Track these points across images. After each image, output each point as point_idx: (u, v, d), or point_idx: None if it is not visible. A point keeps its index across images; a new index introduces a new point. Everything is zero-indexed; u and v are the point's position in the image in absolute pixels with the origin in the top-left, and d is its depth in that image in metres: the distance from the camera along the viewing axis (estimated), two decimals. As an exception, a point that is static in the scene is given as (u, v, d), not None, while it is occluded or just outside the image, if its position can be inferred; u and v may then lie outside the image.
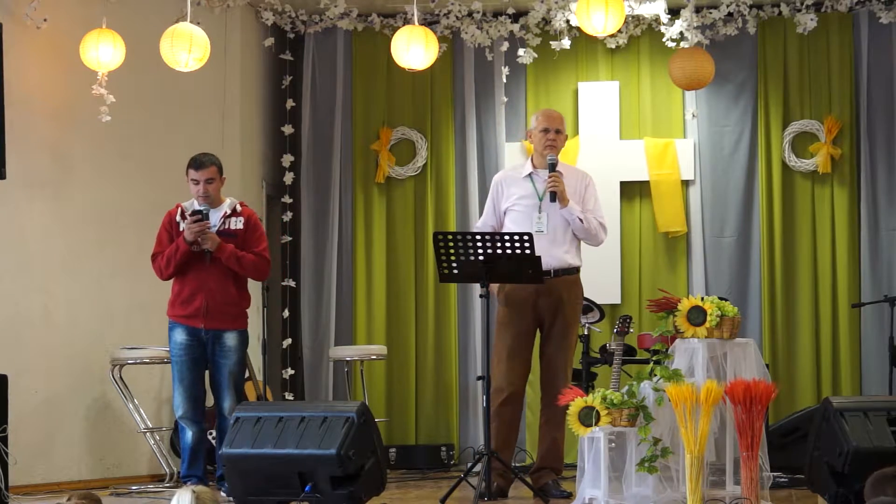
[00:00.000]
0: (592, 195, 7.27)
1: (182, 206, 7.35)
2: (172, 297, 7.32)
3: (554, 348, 7.12)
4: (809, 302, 9.33)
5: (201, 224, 7.14)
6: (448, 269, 6.79)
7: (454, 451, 9.36)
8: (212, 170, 7.28)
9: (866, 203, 9.27)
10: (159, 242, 7.35)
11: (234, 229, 7.31)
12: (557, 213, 7.09)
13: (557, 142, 7.22)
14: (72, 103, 8.32)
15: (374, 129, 9.76)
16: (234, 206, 7.36)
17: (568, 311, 7.14)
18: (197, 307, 7.21)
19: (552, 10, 9.22)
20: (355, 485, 6.03)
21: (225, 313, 7.25)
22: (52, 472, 8.05)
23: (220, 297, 7.22)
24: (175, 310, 7.29)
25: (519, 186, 7.23)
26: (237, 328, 7.31)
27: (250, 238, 7.33)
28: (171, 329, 7.31)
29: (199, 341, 7.24)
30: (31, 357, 8.00)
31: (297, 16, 9.70)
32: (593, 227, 7.16)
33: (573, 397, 6.32)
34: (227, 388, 7.24)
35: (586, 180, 7.30)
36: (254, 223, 7.40)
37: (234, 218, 7.33)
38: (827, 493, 6.06)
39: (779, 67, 9.46)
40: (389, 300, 9.67)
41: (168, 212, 7.39)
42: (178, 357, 7.26)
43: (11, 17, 7.86)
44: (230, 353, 7.26)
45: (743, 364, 6.36)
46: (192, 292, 7.23)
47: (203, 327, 7.22)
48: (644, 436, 6.22)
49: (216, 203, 7.32)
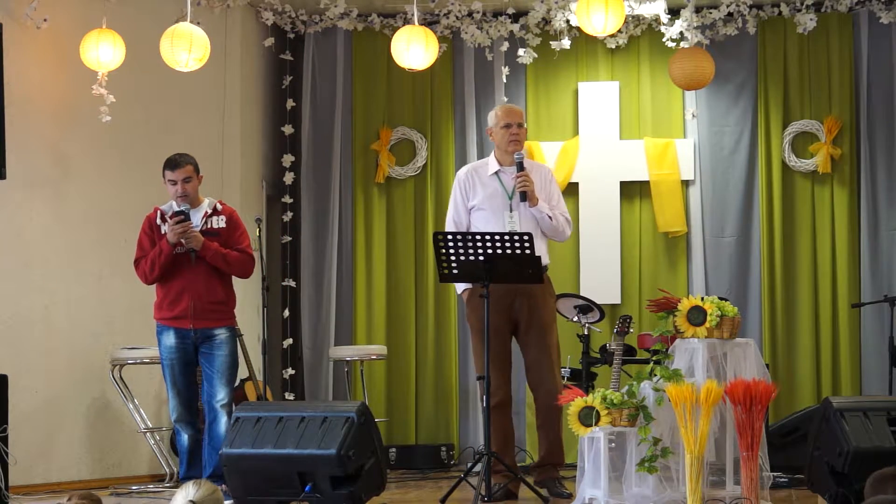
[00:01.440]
0: (556, 190, 7.25)
1: (160, 208, 7.28)
2: (158, 300, 7.25)
3: (537, 352, 7.02)
4: (809, 302, 9.33)
5: (184, 224, 7.08)
6: (448, 269, 6.78)
7: (454, 451, 9.36)
8: (188, 169, 7.20)
9: (866, 203, 9.27)
10: (140, 247, 7.26)
11: (217, 228, 7.26)
12: (527, 211, 7.06)
13: (521, 136, 7.17)
14: (72, 103, 8.33)
15: (374, 129, 9.76)
16: (214, 205, 7.29)
17: (544, 312, 7.06)
18: (184, 308, 7.15)
19: (552, 10, 9.22)
20: (355, 485, 6.03)
21: (213, 311, 7.20)
22: (52, 472, 8.06)
23: (206, 296, 7.17)
24: (162, 312, 7.22)
25: (485, 185, 7.17)
26: (226, 325, 7.26)
27: (233, 236, 7.28)
28: (160, 332, 7.23)
29: (189, 342, 7.20)
30: (31, 357, 8.00)
31: (297, 16, 9.70)
32: (560, 224, 7.12)
33: (573, 397, 6.32)
34: (219, 379, 7.15)
35: (548, 174, 7.27)
36: (235, 221, 7.33)
37: (215, 217, 7.27)
38: (827, 493, 6.06)
39: (779, 67, 9.46)
40: (389, 300, 9.68)
41: (147, 216, 7.31)
42: (170, 360, 7.21)
43: (11, 17, 7.86)
44: (221, 346, 7.20)
45: (743, 364, 6.36)
46: (178, 293, 7.17)
47: (192, 327, 7.17)
48: (644, 436, 6.22)
49: (195, 203, 7.25)
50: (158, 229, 7.23)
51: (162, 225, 7.21)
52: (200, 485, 4.02)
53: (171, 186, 7.23)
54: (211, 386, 7.20)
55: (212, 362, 7.20)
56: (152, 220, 7.29)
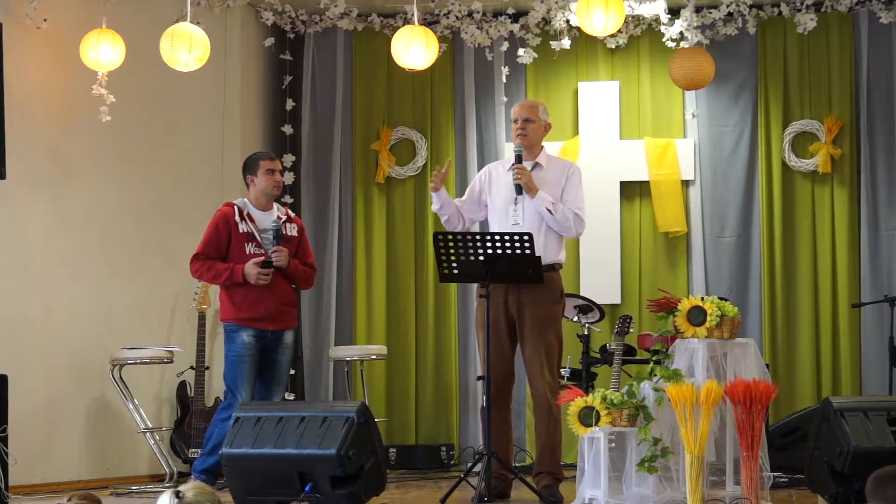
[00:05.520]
0: (573, 185, 7.09)
1: (236, 204, 7.31)
2: (237, 301, 7.23)
3: (530, 351, 6.96)
4: (809, 302, 9.32)
5: (269, 275, 7.16)
6: (448, 269, 6.78)
7: (454, 451, 9.36)
8: (279, 163, 7.52)
9: (866, 203, 9.26)
10: (207, 244, 7.24)
11: (291, 235, 7.35)
12: (532, 204, 7.00)
13: (527, 130, 7.09)
14: (72, 103, 8.33)
15: (374, 129, 9.76)
16: (285, 212, 7.43)
17: (539, 310, 6.94)
18: (265, 310, 7.20)
19: (552, 10, 9.22)
20: (355, 485, 6.03)
21: (287, 314, 7.32)
22: (52, 472, 8.06)
23: (283, 298, 7.28)
24: (242, 313, 7.22)
25: (501, 180, 7.17)
26: (293, 327, 7.45)
27: (302, 246, 7.44)
28: (235, 331, 7.22)
29: (264, 343, 7.26)
30: (31, 357, 8.00)
31: (297, 16, 9.70)
32: (566, 218, 6.97)
33: (573, 397, 6.33)
34: (281, 384, 7.34)
35: (569, 171, 7.16)
36: (303, 231, 7.53)
37: (288, 224, 7.36)
38: (827, 493, 6.06)
39: (779, 67, 9.46)
40: (389, 300, 9.67)
41: (220, 211, 7.31)
42: (247, 357, 7.21)
43: (11, 17, 7.86)
44: (288, 351, 7.36)
45: (743, 364, 6.36)
46: (258, 296, 7.19)
47: (271, 329, 7.24)
48: (644, 436, 6.22)
49: (269, 206, 7.38)
50: (236, 226, 7.23)
51: (240, 223, 7.22)
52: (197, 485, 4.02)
53: (267, 177, 7.31)
54: (268, 390, 7.30)
55: (276, 367, 7.31)
56: (229, 215, 7.27)
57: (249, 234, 7.24)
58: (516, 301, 6.94)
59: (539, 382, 6.91)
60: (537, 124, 7.15)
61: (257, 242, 7.23)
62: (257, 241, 7.23)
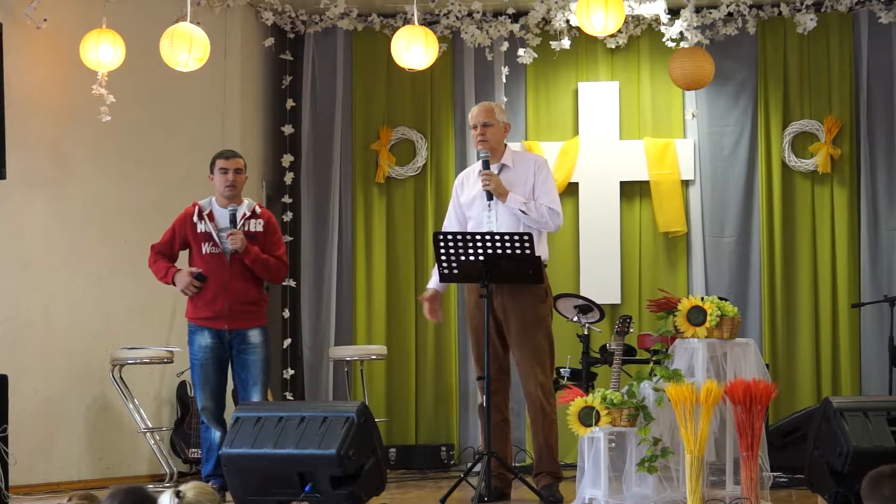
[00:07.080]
0: (543, 179, 7.02)
1: (199, 204, 7.33)
2: (194, 299, 7.25)
3: (518, 352, 6.93)
4: (809, 302, 9.32)
5: (199, 287, 7.17)
6: (448, 269, 6.78)
7: (454, 451, 9.36)
8: (239, 161, 7.36)
9: (866, 203, 9.26)
10: (161, 240, 7.37)
11: (254, 231, 7.30)
12: (504, 208, 6.96)
13: (487, 135, 7.01)
14: (72, 103, 8.33)
15: (374, 129, 9.76)
16: (253, 208, 7.35)
17: (524, 311, 6.90)
18: (220, 308, 7.18)
19: (552, 10, 9.22)
20: (355, 485, 6.03)
21: (247, 312, 7.25)
22: (52, 472, 8.06)
23: (242, 297, 7.21)
24: (197, 312, 7.24)
25: (472, 187, 7.13)
26: (259, 325, 7.30)
27: (269, 241, 7.34)
28: (193, 332, 7.25)
29: (223, 343, 7.23)
30: (31, 357, 8.01)
31: (297, 16, 9.70)
32: (541, 215, 6.91)
33: (573, 397, 6.33)
34: (257, 385, 7.21)
35: (536, 165, 7.08)
36: (273, 226, 7.42)
37: (253, 220, 7.31)
38: (827, 493, 6.06)
39: (779, 67, 9.46)
40: (389, 300, 9.67)
41: (184, 210, 7.36)
42: (203, 360, 7.22)
43: (11, 17, 7.86)
44: (258, 350, 7.25)
45: (743, 364, 6.36)
46: (214, 294, 7.19)
47: (227, 328, 7.21)
48: (644, 436, 6.22)
49: (238, 199, 7.32)
50: (193, 226, 7.26)
51: (199, 223, 7.24)
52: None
53: (220, 175, 7.29)
54: (245, 391, 7.24)
55: (247, 368, 7.24)
56: (188, 216, 7.31)
57: (207, 233, 7.26)
58: (501, 304, 6.91)
59: (531, 384, 6.89)
60: (496, 127, 7.08)
61: (214, 242, 7.23)
62: (214, 241, 7.23)
